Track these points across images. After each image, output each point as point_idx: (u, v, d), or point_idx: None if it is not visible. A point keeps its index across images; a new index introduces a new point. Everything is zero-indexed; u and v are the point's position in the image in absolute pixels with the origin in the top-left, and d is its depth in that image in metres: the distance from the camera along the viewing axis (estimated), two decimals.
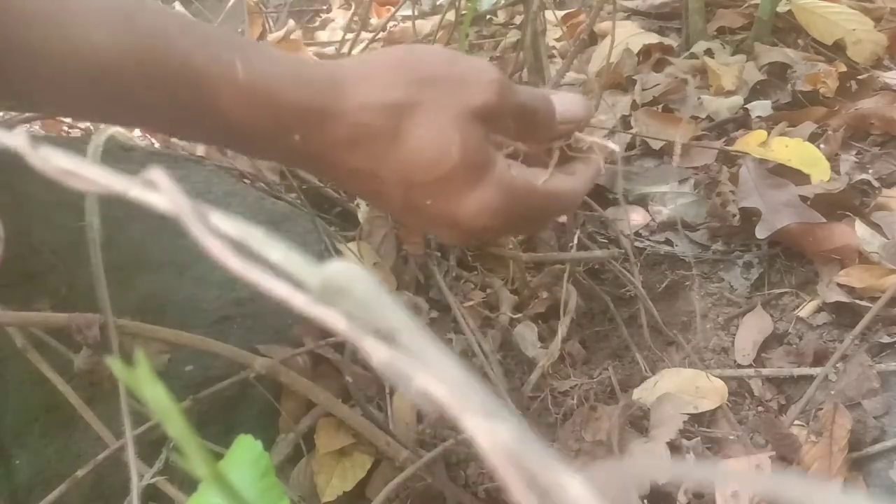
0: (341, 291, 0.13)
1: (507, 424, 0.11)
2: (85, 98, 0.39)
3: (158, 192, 0.14)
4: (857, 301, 0.70)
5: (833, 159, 0.84)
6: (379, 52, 0.43)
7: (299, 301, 0.13)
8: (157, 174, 0.14)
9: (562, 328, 0.73)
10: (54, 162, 0.15)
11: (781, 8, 1.06)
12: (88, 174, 0.15)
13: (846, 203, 0.78)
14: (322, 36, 1.44)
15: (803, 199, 0.78)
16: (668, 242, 0.86)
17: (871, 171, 0.83)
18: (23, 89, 0.39)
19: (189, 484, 0.61)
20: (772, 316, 0.75)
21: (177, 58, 0.38)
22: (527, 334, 0.75)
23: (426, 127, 0.40)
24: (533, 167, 0.46)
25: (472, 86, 0.41)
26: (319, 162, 0.42)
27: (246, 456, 0.24)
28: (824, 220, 0.76)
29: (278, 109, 0.39)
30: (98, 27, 0.37)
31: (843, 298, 0.71)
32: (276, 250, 0.13)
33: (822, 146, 0.83)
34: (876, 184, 0.80)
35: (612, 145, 0.47)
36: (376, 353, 0.12)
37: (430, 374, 0.12)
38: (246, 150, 0.48)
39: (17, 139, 0.15)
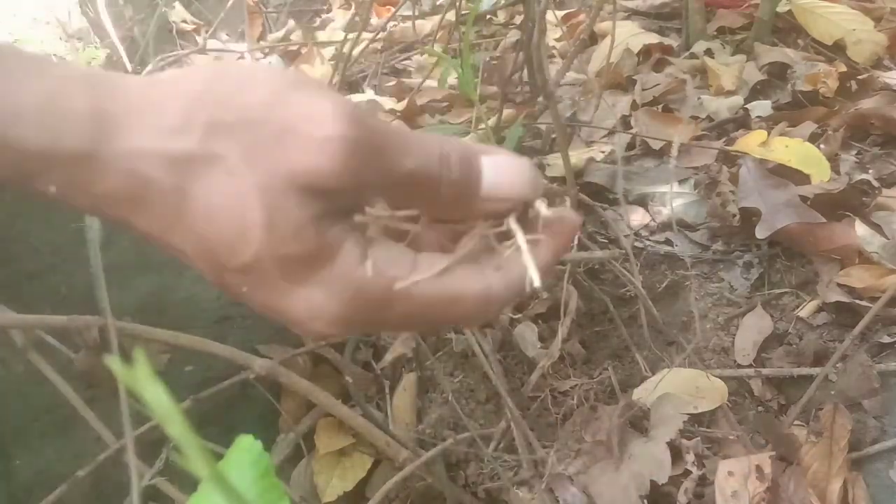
0: None
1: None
2: None
3: None
4: (857, 301, 0.70)
5: (833, 159, 0.84)
6: (180, 74, 0.31)
7: None
8: None
9: (562, 329, 0.72)
10: None
11: (781, 8, 1.06)
12: None
13: (846, 203, 0.78)
14: (322, 36, 1.44)
15: (803, 199, 0.78)
16: (668, 242, 0.86)
17: (871, 171, 0.83)
18: None
19: (189, 484, 0.61)
20: (772, 316, 0.75)
21: None
22: (527, 335, 0.75)
23: (221, 194, 0.29)
24: (433, 252, 0.33)
25: (297, 142, 0.28)
26: (100, 216, 0.31)
27: (246, 456, 0.24)
28: (824, 220, 0.76)
29: (15, 155, 0.29)
30: None
31: (843, 298, 0.71)
32: None
33: (822, 146, 0.83)
34: (876, 184, 0.80)
35: (533, 270, 0.33)
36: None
37: None
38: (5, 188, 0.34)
39: None
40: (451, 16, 1.07)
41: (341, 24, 1.52)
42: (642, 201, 0.88)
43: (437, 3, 1.41)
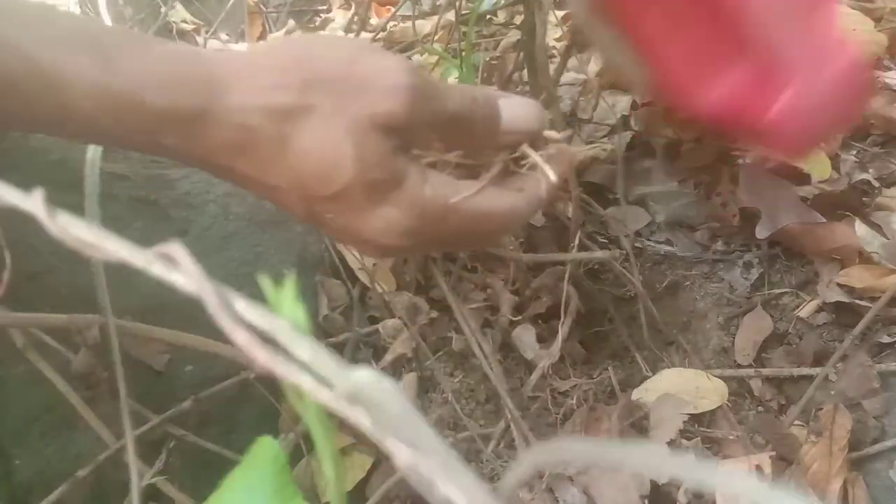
0: (368, 401, 0.13)
1: None
2: None
3: (180, 272, 0.14)
4: (857, 301, 0.70)
5: (833, 159, 0.84)
6: (271, 45, 0.39)
7: (327, 398, 0.13)
8: (175, 249, 0.14)
9: (562, 330, 0.72)
10: (72, 231, 0.15)
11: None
12: (108, 245, 0.15)
13: (846, 203, 0.78)
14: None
15: (803, 199, 0.78)
16: (668, 242, 0.86)
17: (871, 170, 0.83)
18: None
19: (189, 484, 0.61)
20: (772, 316, 0.75)
21: (20, 62, 0.33)
22: (525, 337, 0.75)
23: (317, 137, 0.35)
24: (469, 180, 0.40)
25: (374, 91, 0.36)
26: (206, 166, 0.38)
27: (264, 454, 0.24)
28: (824, 219, 0.76)
29: (144, 114, 0.35)
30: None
31: (843, 298, 0.71)
32: (304, 347, 0.13)
33: (821, 145, 0.83)
34: (876, 184, 0.80)
35: (552, 174, 0.41)
36: (401, 454, 0.12)
37: (454, 485, 0.12)
38: (129, 149, 0.42)
39: (33, 204, 0.15)
40: (451, 16, 1.07)
41: (341, 24, 1.52)
42: (642, 201, 0.88)
43: (437, 3, 1.41)
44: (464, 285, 0.79)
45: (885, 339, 0.68)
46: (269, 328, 0.14)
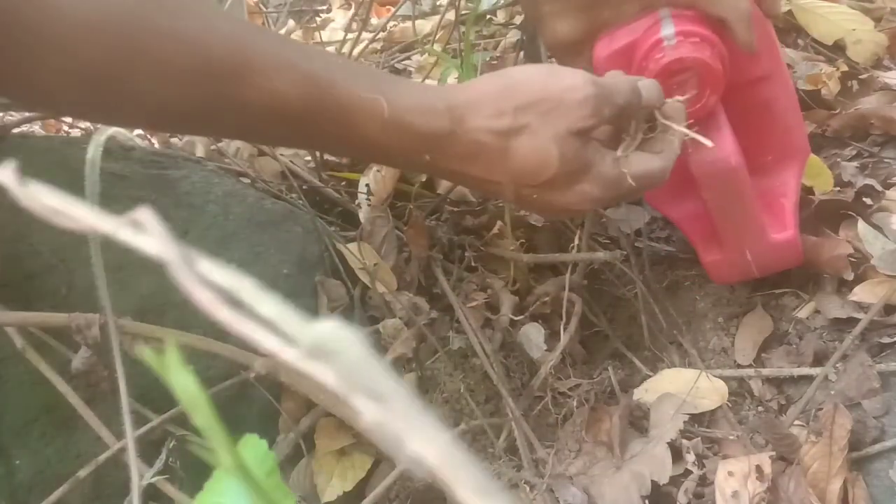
0: (331, 352, 0.13)
1: (499, 500, 0.11)
2: (238, 132, 0.51)
3: (147, 236, 0.14)
4: (854, 315, 0.70)
5: (831, 158, 0.85)
6: (482, 80, 0.52)
7: (290, 356, 0.13)
8: (145, 214, 0.14)
9: (568, 331, 0.72)
10: (43, 200, 0.15)
11: (782, 8, 1.06)
12: (77, 214, 0.15)
13: (851, 207, 0.78)
14: (322, 36, 1.44)
15: (808, 201, 0.78)
16: (668, 242, 0.86)
17: (869, 171, 0.83)
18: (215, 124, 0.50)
19: (189, 484, 0.61)
20: (772, 316, 0.75)
21: (333, 99, 0.46)
22: (532, 335, 0.75)
23: (530, 145, 0.49)
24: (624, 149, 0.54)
25: (567, 107, 0.49)
26: (444, 173, 0.54)
27: (251, 455, 0.24)
28: (826, 229, 0.76)
29: (413, 137, 0.48)
30: (278, 76, 0.45)
31: (841, 314, 0.71)
32: (268, 304, 0.13)
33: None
34: (879, 188, 0.80)
35: (683, 129, 0.55)
36: (368, 412, 0.12)
37: (422, 440, 0.12)
38: (377, 163, 0.57)
39: (4, 174, 0.15)
40: (451, 16, 1.07)
41: (341, 24, 1.52)
42: (642, 201, 0.88)
43: (437, 3, 1.41)
44: (465, 285, 0.79)
45: (886, 340, 0.68)
46: (232, 286, 0.14)
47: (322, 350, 0.13)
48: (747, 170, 0.64)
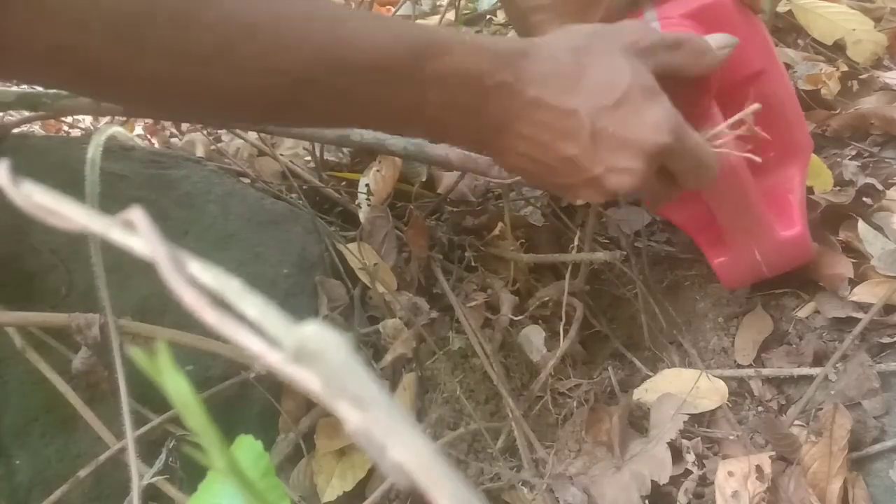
0: (315, 355, 0.13)
1: None
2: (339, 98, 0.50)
3: (137, 236, 0.14)
4: (854, 315, 0.70)
5: (832, 161, 0.85)
6: (553, 32, 0.55)
7: (274, 359, 0.13)
8: (136, 214, 0.14)
9: (565, 344, 0.72)
10: (35, 199, 0.15)
11: (781, 8, 1.06)
12: (69, 213, 0.15)
13: (851, 207, 0.78)
14: None
15: (812, 204, 0.78)
16: (668, 243, 0.86)
17: (870, 171, 0.83)
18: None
19: (189, 484, 0.61)
20: (772, 316, 0.75)
21: (427, 36, 0.49)
22: (533, 337, 0.75)
23: (603, 62, 0.52)
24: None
25: (630, 33, 0.54)
26: (521, 101, 0.51)
27: (246, 456, 0.24)
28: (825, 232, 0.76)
29: (495, 54, 0.50)
30: (368, 28, 0.48)
31: (840, 314, 0.71)
32: (253, 305, 0.13)
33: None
34: (880, 187, 0.80)
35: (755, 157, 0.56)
36: (351, 419, 0.12)
37: (403, 446, 0.12)
38: (462, 112, 0.53)
39: None
40: (451, 16, 1.07)
41: None
42: (642, 202, 0.88)
43: (437, 3, 1.41)
44: (464, 285, 0.79)
45: (885, 340, 0.68)
46: (220, 287, 0.14)
47: (306, 353, 0.13)
48: (750, 169, 0.64)
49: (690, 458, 0.63)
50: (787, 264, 0.71)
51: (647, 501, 0.60)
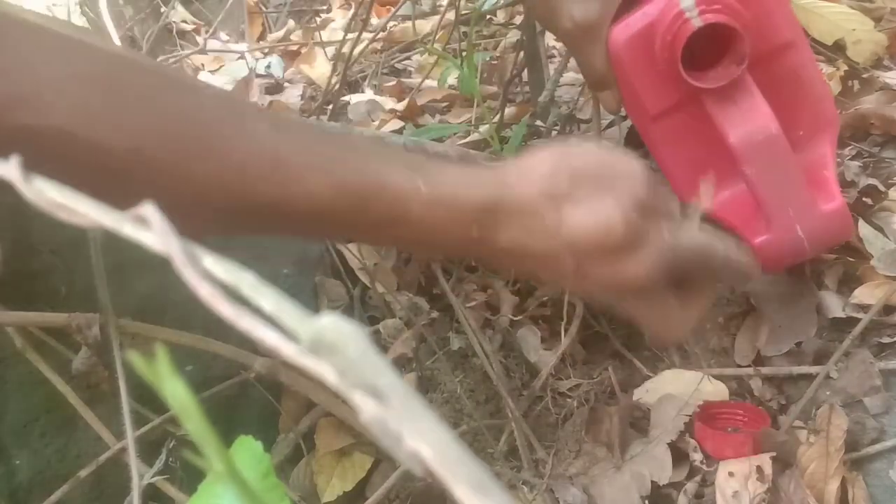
0: (332, 347, 0.13)
1: (497, 497, 0.11)
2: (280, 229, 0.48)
3: (150, 231, 0.14)
4: (854, 315, 0.70)
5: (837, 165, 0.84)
6: (530, 156, 0.49)
7: (290, 351, 0.13)
8: (149, 210, 0.14)
9: (566, 341, 0.72)
10: (47, 195, 0.15)
11: None
12: (81, 208, 0.15)
13: (852, 207, 0.78)
14: (322, 36, 1.44)
15: None
16: None
17: (870, 171, 0.83)
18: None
19: (189, 484, 0.61)
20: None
21: (375, 187, 0.44)
22: (529, 338, 0.75)
23: (591, 212, 0.47)
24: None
25: (626, 181, 0.48)
26: (496, 253, 0.48)
27: (246, 456, 0.24)
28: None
29: (459, 211, 0.46)
30: (311, 174, 0.43)
31: (841, 314, 0.70)
32: (269, 298, 0.13)
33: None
34: (882, 188, 0.80)
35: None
36: (367, 409, 0.12)
37: (420, 437, 0.12)
38: (425, 250, 0.53)
39: (9, 170, 0.15)
40: (451, 16, 1.07)
41: (341, 24, 1.52)
42: None
43: (437, 3, 1.41)
44: (465, 285, 0.79)
45: (885, 340, 0.68)
46: (234, 281, 0.14)
47: (322, 345, 0.13)
48: None
49: (698, 456, 0.63)
50: (828, 241, 0.69)
51: (646, 502, 0.60)
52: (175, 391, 0.13)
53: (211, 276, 0.14)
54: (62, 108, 0.36)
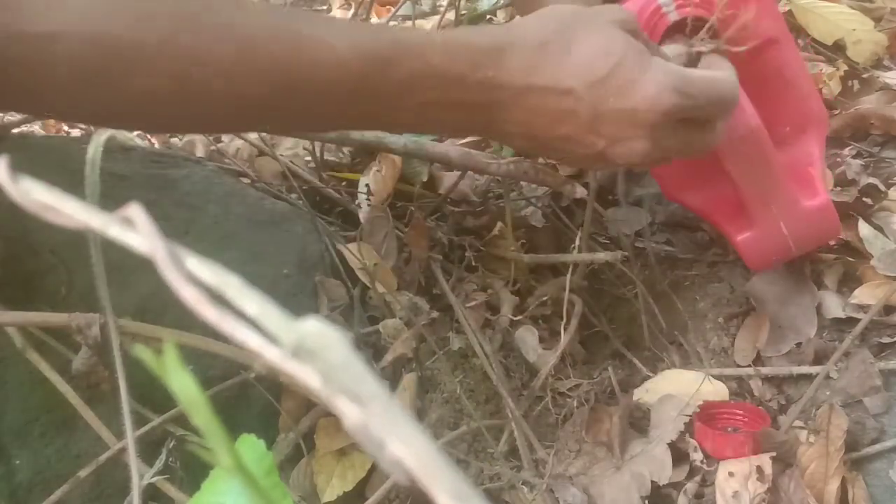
0: (315, 351, 0.13)
1: None
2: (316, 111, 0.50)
3: (136, 232, 0.14)
4: (854, 316, 0.70)
5: (832, 161, 0.85)
6: (532, 16, 0.53)
7: (273, 355, 0.13)
8: (135, 211, 0.14)
9: (565, 338, 0.72)
10: (34, 195, 0.15)
11: (781, 8, 1.06)
12: (68, 209, 0.15)
13: (852, 207, 0.78)
14: None
15: None
16: (668, 243, 0.86)
17: (871, 171, 0.83)
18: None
19: (189, 484, 0.61)
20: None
21: (393, 46, 0.48)
22: (528, 339, 0.75)
23: (589, 34, 0.50)
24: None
25: (610, 11, 0.53)
26: (510, 91, 0.50)
27: (249, 454, 0.24)
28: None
29: (472, 52, 0.49)
30: (335, 41, 0.47)
31: (841, 314, 0.70)
32: (253, 302, 0.13)
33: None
34: (882, 188, 0.80)
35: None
36: (350, 414, 0.12)
37: (402, 443, 0.12)
38: (449, 117, 0.52)
39: None
40: (451, 16, 1.07)
41: None
42: (642, 202, 0.88)
43: (437, 3, 1.41)
44: (465, 285, 0.79)
45: (885, 340, 0.68)
46: (219, 283, 0.14)
47: (306, 349, 0.13)
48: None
49: (698, 456, 0.63)
50: (814, 239, 0.68)
51: (646, 502, 0.60)
52: (183, 386, 0.13)
53: (195, 278, 0.14)
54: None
